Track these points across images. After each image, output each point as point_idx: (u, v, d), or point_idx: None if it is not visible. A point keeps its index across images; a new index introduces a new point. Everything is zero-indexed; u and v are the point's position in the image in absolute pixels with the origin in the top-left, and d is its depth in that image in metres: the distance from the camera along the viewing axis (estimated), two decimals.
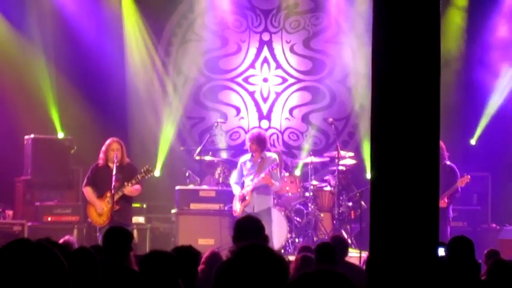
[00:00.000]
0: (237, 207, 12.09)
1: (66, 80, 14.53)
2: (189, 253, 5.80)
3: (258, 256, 3.07)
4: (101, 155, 11.53)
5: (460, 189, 12.66)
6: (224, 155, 15.10)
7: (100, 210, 11.37)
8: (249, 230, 6.57)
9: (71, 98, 14.57)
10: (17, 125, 14.17)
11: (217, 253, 7.14)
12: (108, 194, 11.31)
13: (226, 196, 12.86)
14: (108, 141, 11.56)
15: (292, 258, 9.38)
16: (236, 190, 12.16)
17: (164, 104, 15.56)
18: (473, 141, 15.36)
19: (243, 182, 12.10)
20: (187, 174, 13.40)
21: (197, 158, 13.47)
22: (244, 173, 12.08)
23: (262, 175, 11.77)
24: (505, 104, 15.16)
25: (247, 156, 12.21)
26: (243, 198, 11.98)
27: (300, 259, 7.57)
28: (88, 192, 11.56)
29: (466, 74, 15.35)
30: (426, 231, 4.03)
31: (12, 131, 14.11)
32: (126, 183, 11.28)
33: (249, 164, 12.05)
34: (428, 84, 4.12)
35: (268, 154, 12.08)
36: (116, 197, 11.23)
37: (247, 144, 12.19)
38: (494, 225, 14.37)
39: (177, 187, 13.04)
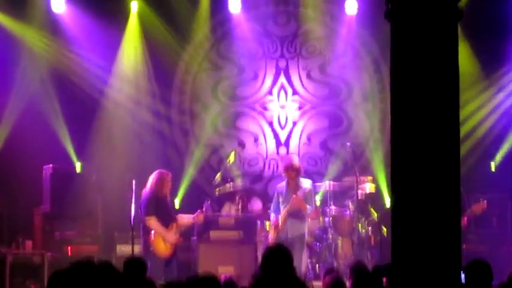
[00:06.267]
0: (271, 233, 12.06)
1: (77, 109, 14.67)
2: (209, 281, 5.74)
3: (282, 282, 3.05)
4: (156, 187, 11.50)
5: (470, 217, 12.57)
6: (243, 182, 15.03)
7: (173, 240, 11.45)
8: (277, 260, 6.47)
9: (84, 127, 14.65)
10: (35, 156, 14.18)
11: (232, 280, 7.06)
12: (175, 225, 11.55)
13: (246, 223, 12.82)
14: (163, 173, 11.68)
15: (316, 283, 9.31)
16: (272, 218, 12.15)
17: (182, 133, 15.59)
18: (494, 164, 15.23)
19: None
20: (207, 202, 13.36)
21: (217, 191, 13.45)
22: (280, 200, 12.03)
23: (294, 195, 11.72)
24: None
25: (283, 184, 12.19)
26: (276, 225, 11.93)
27: (331, 282, 7.49)
28: (156, 222, 11.44)
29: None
30: (449, 257, 3.99)
31: (31, 162, 14.11)
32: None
33: (284, 192, 12.03)
34: (448, 109, 4.09)
35: (302, 180, 12.07)
36: (183, 228, 11.81)
37: (283, 173, 12.19)
38: None
39: None
